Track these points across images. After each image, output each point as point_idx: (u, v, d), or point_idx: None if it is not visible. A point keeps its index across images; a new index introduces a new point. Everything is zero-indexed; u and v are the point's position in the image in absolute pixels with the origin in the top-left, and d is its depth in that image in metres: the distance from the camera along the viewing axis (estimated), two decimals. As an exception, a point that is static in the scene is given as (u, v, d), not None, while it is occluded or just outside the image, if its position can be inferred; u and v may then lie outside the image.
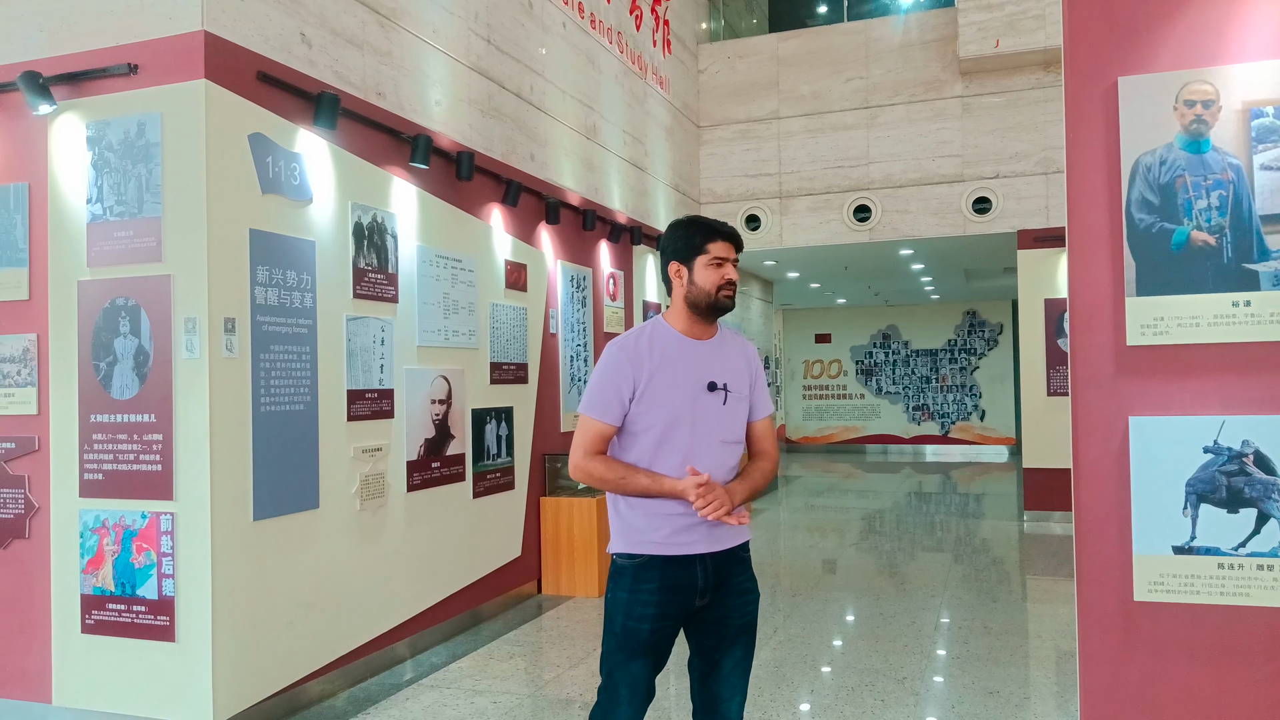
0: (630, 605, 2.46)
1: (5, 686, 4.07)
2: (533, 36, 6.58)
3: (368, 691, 4.50)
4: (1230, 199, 2.26)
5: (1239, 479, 2.20)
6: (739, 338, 2.69)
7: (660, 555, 2.45)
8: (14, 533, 4.06)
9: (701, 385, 2.49)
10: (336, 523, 4.43)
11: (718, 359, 2.55)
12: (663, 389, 2.46)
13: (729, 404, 2.52)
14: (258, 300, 3.98)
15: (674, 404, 2.46)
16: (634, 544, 2.48)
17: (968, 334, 17.06)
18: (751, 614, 2.57)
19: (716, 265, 2.49)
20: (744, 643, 2.56)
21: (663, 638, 2.49)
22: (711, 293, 2.49)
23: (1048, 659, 4.94)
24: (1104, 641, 2.30)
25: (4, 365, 4.08)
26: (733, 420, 2.54)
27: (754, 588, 2.61)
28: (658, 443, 2.46)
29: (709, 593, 2.50)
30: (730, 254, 2.52)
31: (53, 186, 4.00)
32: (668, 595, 2.45)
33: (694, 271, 2.50)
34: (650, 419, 2.46)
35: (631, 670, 2.46)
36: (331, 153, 4.48)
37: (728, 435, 2.52)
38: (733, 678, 2.53)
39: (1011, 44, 8.82)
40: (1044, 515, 9.27)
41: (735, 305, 2.58)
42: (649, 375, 2.46)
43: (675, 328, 2.54)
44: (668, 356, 2.49)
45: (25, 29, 4.06)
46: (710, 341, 2.57)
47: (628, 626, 2.46)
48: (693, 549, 2.46)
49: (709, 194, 10.24)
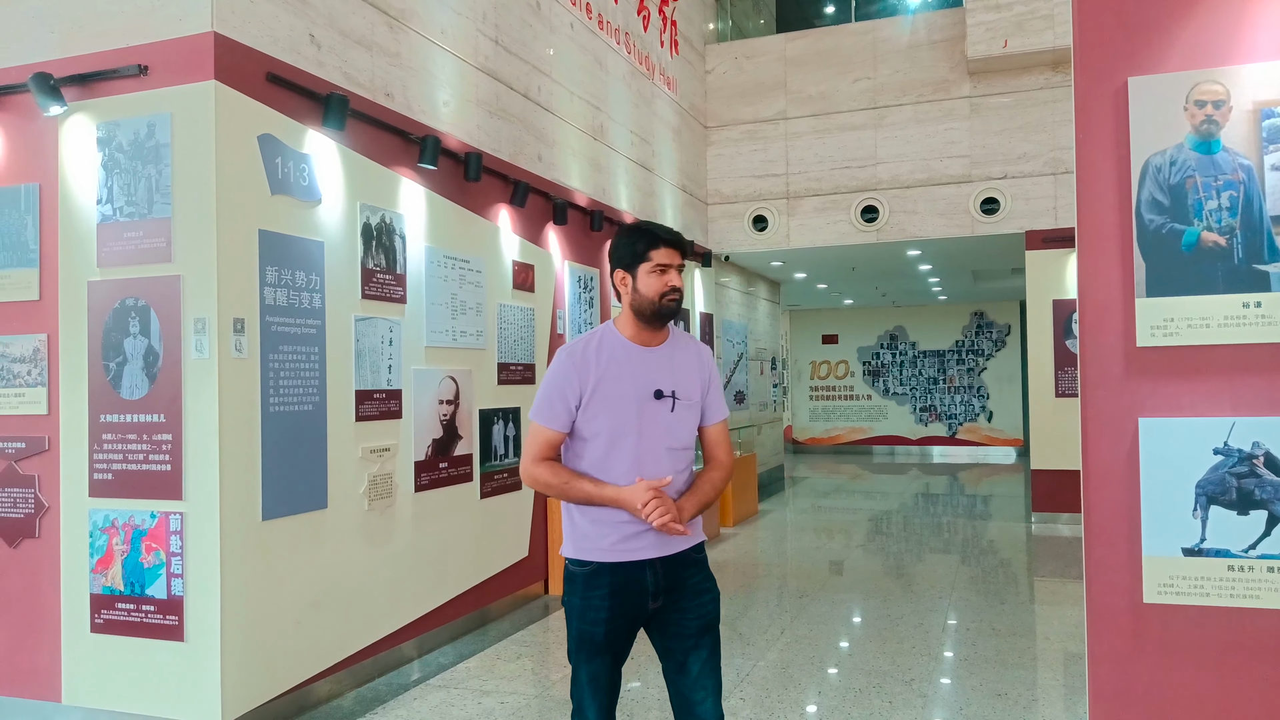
0: (584, 610, 2.50)
1: (15, 685, 4.09)
2: (540, 37, 6.59)
3: (375, 691, 4.51)
4: (1241, 200, 2.25)
5: (1249, 481, 2.19)
6: (692, 342, 2.68)
7: (608, 562, 2.48)
8: (24, 532, 4.08)
9: (648, 393, 2.50)
10: (344, 523, 4.44)
11: (667, 366, 2.54)
12: (608, 397, 2.47)
13: (677, 411, 2.52)
14: (267, 301, 3.99)
15: (619, 412, 2.47)
16: (583, 550, 2.51)
17: (975, 335, 17.01)
18: (709, 613, 2.57)
19: (660, 272, 2.49)
20: (708, 643, 2.56)
21: (619, 637, 2.52)
22: (655, 300, 2.49)
23: (1056, 661, 4.93)
24: (1113, 643, 2.29)
25: (14, 365, 4.10)
26: (681, 427, 2.54)
27: (711, 587, 2.60)
28: (606, 449, 2.48)
29: (661, 595, 2.51)
30: (674, 260, 2.51)
31: (63, 187, 4.02)
32: (618, 599, 2.48)
33: (638, 279, 2.50)
34: (597, 426, 2.47)
35: (593, 668, 2.51)
36: (340, 153, 4.49)
37: (675, 442, 2.52)
38: (702, 678, 2.53)
39: (1020, 44, 8.80)
40: (1052, 517, 9.24)
41: (680, 310, 2.56)
42: (595, 382, 2.47)
43: (624, 335, 2.55)
44: (615, 364, 2.50)
45: (36, 31, 4.08)
46: (660, 348, 2.56)
47: (583, 630, 2.50)
48: (641, 554, 2.48)
49: (716, 194, 10.24)
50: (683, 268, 2.55)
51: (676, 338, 2.63)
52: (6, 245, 4.11)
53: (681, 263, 2.54)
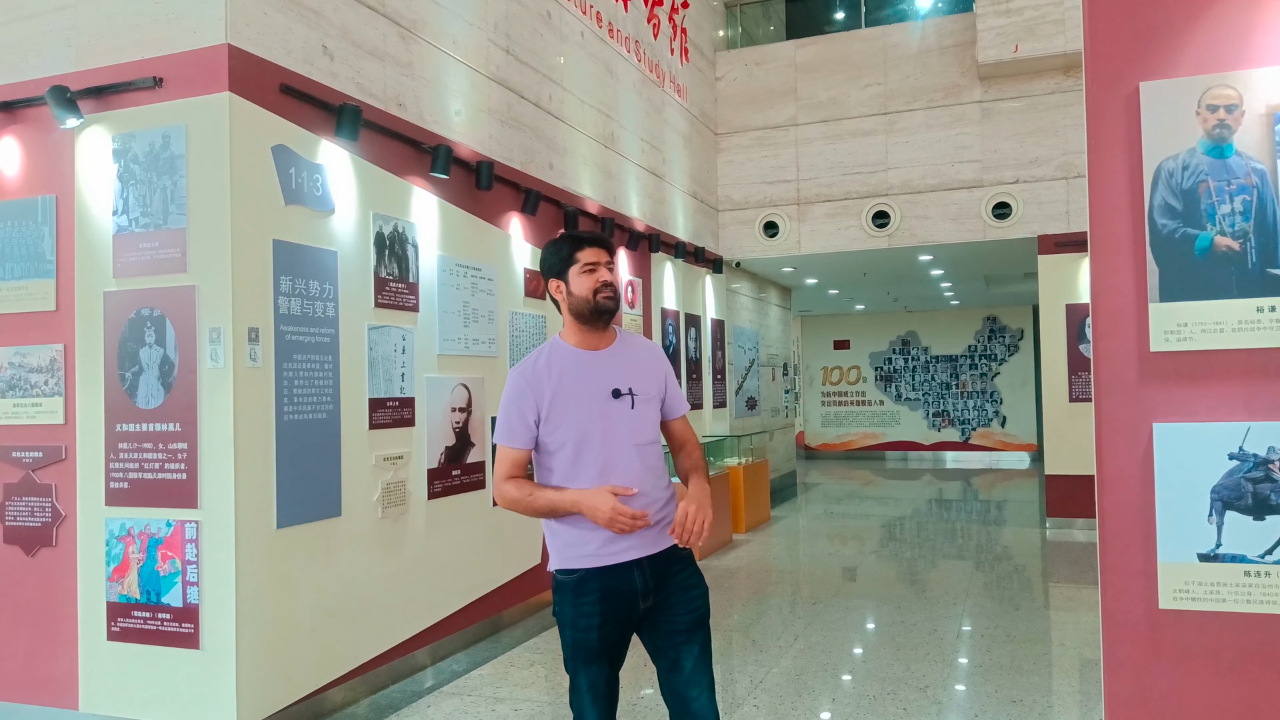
0: (575, 618, 2.51)
1: (32, 693, 4.11)
2: (551, 46, 6.62)
3: (389, 699, 4.52)
4: (1254, 204, 2.24)
5: (1265, 486, 2.18)
6: (642, 341, 2.73)
7: (595, 568, 2.50)
8: (41, 541, 4.11)
9: (605, 394, 2.53)
10: (358, 530, 4.45)
11: (619, 365, 2.58)
12: (566, 406, 2.51)
13: (638, 408, 2.55)
14: (281, 310, 4.01)
15: (580, 418, 2.50)
16: (569, 559, 2.53)
17: (988, 340, 16.95)
18: (699, 608, 2.58)
19: (589, 271, 2.55)
20: (699, 639, 2.57)
21: (613, 641, 2.54)
22: (589, 298, 2.53)
23: (1071, 667, 4.90)
24: (1129, 650, 2.28)
25: (32, 375, 4.14)
26: (644, 423, 2.57)
27: (699, 583, 2.61)
28: (573, 457, 2.51)
29: (651, 594, 2.53)
30: (601, 258, 2.57)
31: (79, 198, 4.06)
32: (609, 603, 2.50)
33: (570, 282, 2.56)
34: (561, 436, 2.51)
35: (590, 675, 2.53)
36: (353, 163, 4.52)
37: (641, 438, 2.55)
38: (696, 675, 2.54)
39: (1031, 49, 8.78)
40: (1066, 522, 9.19)
41: (618, 305, 2.59)
42: (550, 395, 2.51)
43: (570, 343, 2.59)
44: (567, 373, 2.54)
45: (53, 44, 4.12)
46: (608, 350, 2.60)
47: (576, 638, 2.52)
48: (626, 556, 2.50)
49: (727, 201, 10.25)
50: (612, 265, 2.60)
51: (625, 338, 2.67)
52: (24, 256, 4.16)
53: (610, 260, 2.59)
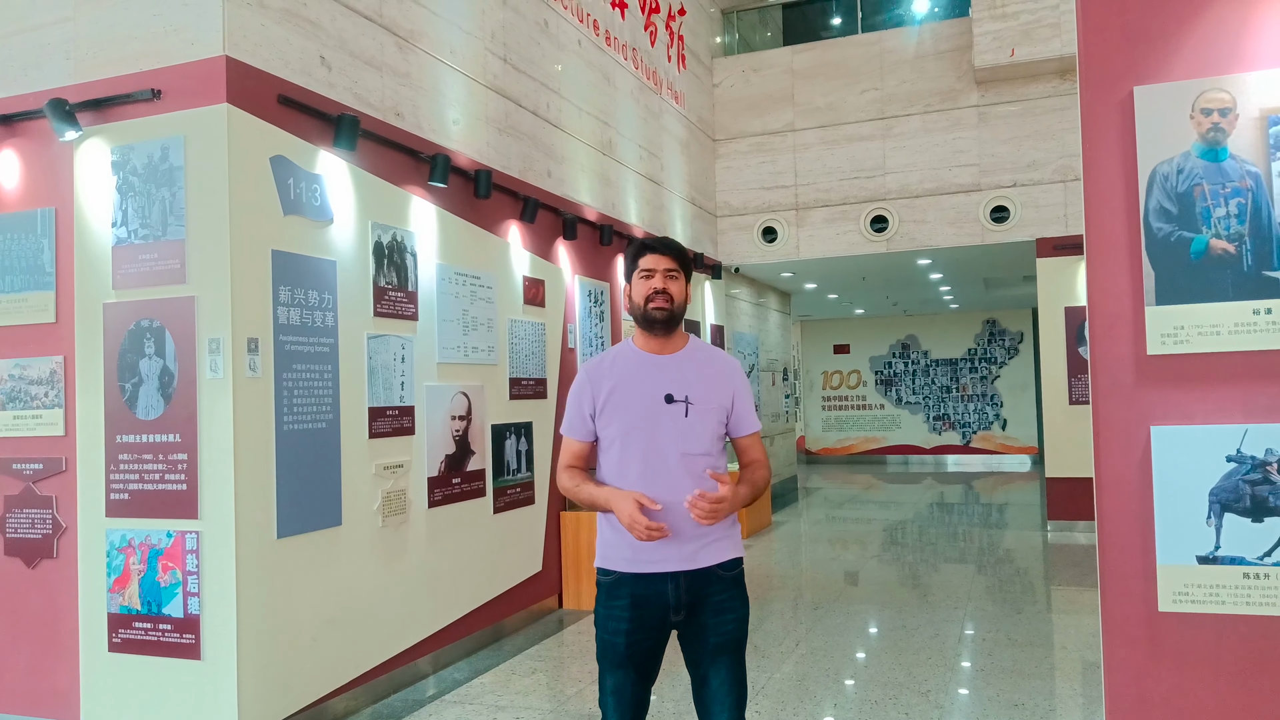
0: (605, 620, 2.56)
1: (34, 705, 4.11)
2: (548, 55, 6.64)
3: (391, 708, 4.51)
4: (1249, 207, 2.25)
5: (1263, 488, 2.18)
6: (717, 354, 2.70)
7: (630, 573, 2.52)
8: (42, 552, 4.11)
9: (658, 398, 2.54)
10: (359, 540, 4.46)
11: (679, 373, 2.58)
12: (618, 404, 2.55)
13: (691, 416, 2.54)
14: (280, 320, 4.02)
15: (628, 417, 2.54)
16: (608, 560, 2.58)
17: (988, 343, 16.96)
18: (730, 633, 2.55)
19: (645, 277, 2.57)
20: (727, 661, 2.54)
21: (642, 650, 2.54)
22: (641, 305, 2.57)
23: (1073, 671, 4.90)
24: (1129, 653, 2.28)
25: (32, 387, 4.14)
26: (696, 433, 2.54)
27: (737, 607, 2.58)
28: (620, 454, 2.55)
29: (683, 609, 2.52)
30: (659, 265, 2.56)
31: (79, 211, 4.07)
32: (638, 611, 2.51)
33: (631, 287, 2.60)
34: (611, 432, 2.56)
35: (615, 679, 2.55)
36: (351, 173, 4.53)
37: (689, 448, 2.53)
38: (720, 694, 2.53)
39: (1027, 53, 8.81)
40: (1068, 525, 9.19)
41: (672, 315, 2.55)
42: (608, 391, 2.56)
43: (637, 345, 2.63)
44: (627, 373, 2.58)
45: (52, 57, 4.14)
46: (673, 356, 2.60)
47: (604, 640, 2.56)
48: (661, 566, 2.50)
49: (725, 207, 10.26)
50: (674, 273, 2.57)
51: (696, 348, 2.65)
52: (24, 268, 4.17)
53: (671, 267, 2.57)
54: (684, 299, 2.58)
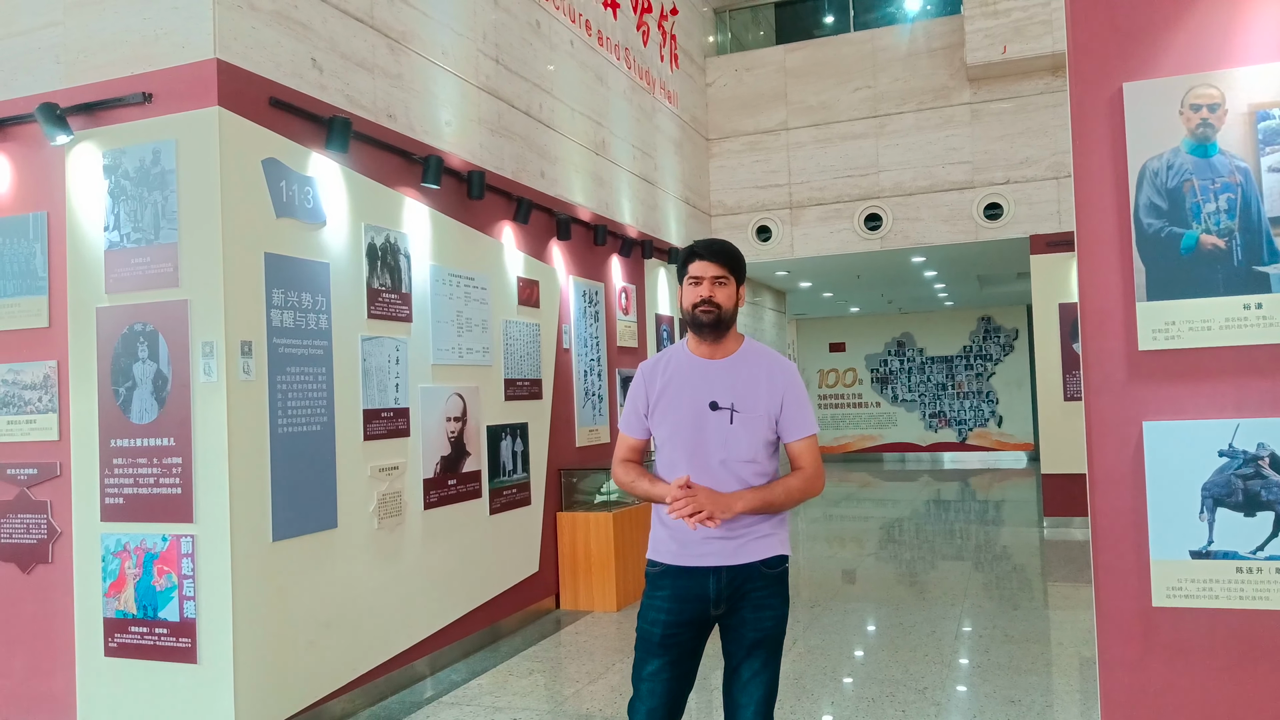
0: (646, 609, 2.61)
1: (31, 710, 4.10)
2: (540, 55, 6.63)
3: (388, 710, 4.51)
4: (1239, 202, 2.26)
5: (1255, 482, 2.19)
6: (770, 358, 2.65)
7: (674, 565, 2.57)
8: (37, 557, 4.10)
9: (703, 404, 2.55)
10: (355, 542, 4.45)
11: (728, 379, 2.57)
12: (667, 406, 2.60)
13: (736, 423, 2.53)
14: (273, 323, 4.02)
15: (674, 420, 2.58)
16: (656, 552, 2.63)
17: (983, 340, 16.98)
18: (768, 629, 2.58)
19: (694, 284, 2.59)
20: (761, 655, 2.59)
21: (678, 643, 2.56)
22: (689, 311, 2.59)
23: (1070, 666, 4.91)
24: (1123, 648, 2.28)
25: (25, 392, 4.13)
26: (739, 441, 2.53)
27: (777, 605, 2.60)
28: (669, 456, 2.60)
29: (723, 603, 2.56)
30: (706, 272, 2.56)
31: (71, 215, 4.06)
32: (678, 604, 2.56)
33: (683, 292, 2.62)
34: (662, 433, 2.62)
35: (649, 666, 2.58)
36: (344, 175, 4.52)
37: (731, 455, 2.52)
38: (750, 686, 2.58)
39: (1019, 50, 8.82)
40: (1064, 521, 9.21)
41: (719, 321, 2.55)
42: (659, 392, 2.62)
43: (689, 348, 2.65)
44: (678, 375, 2.61)
45: (43, 61, 4.13)
46: (723, 361, 2.60)
47: (642, 628, 2.61)
48: (705, 561, 2.54)
49: (719, 206, 10.27)
50: (723, 279, 2.57)
51: (750, 352, 2.64)
52: (16, 273, 4.16)
53: (720, 274, 2.57)
54: (733, 304, 2.58)
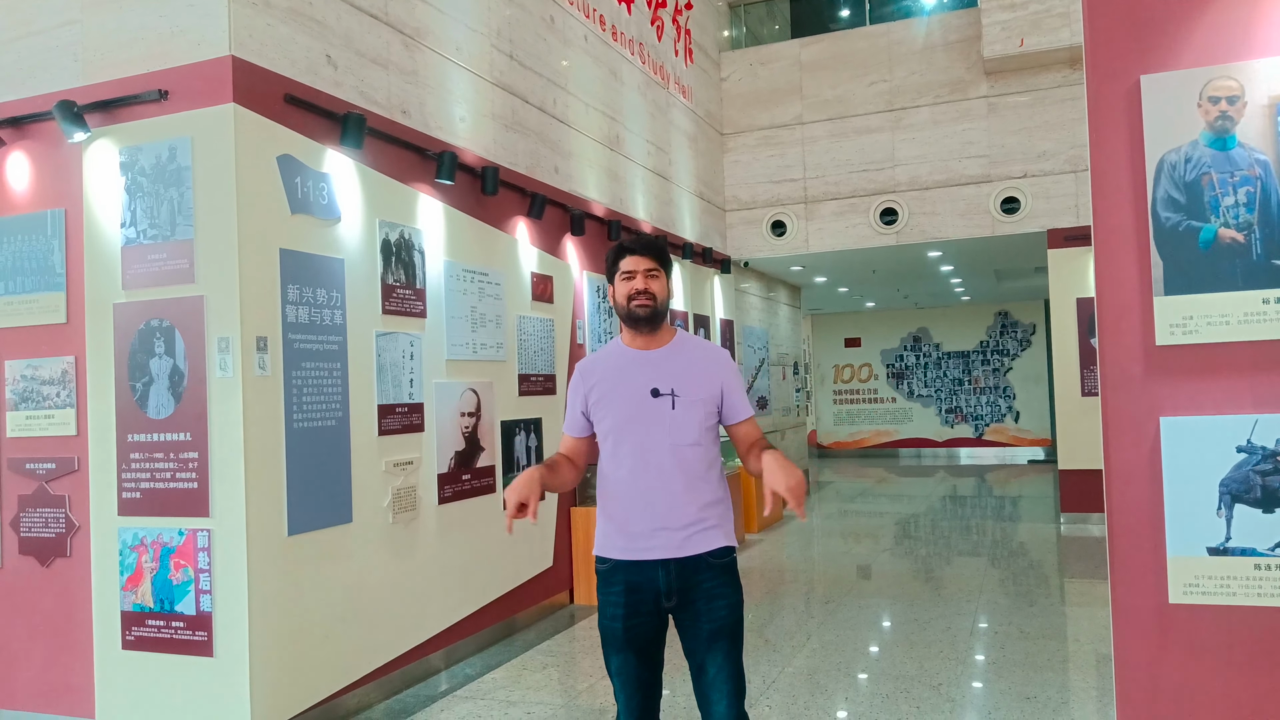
0: (604, 606, 2.65)
1: (49, 702, 4.15)
2: (555, 50, 6.63)
3: (404, 703, 4.53)
4: (1259, 195, 2.23)
5: (1274, 478, 2.17)
6: (705, 346, 2.79)
7: (623, 560, 2.61)
8: (56, 551, 4.14)
9: (645, 392, 2.61)
10: (369, 536, 4.47)
11: (666, 367, 2.64)
12: (606, 399, 2.65)
13: (678, 408, 2.60)
14: (289, 319, 4.03)
15: (617, 411, 2.63)
16: (603, 548, 2.67)
17: (1000, 335, 16.89)
18: (722, 620, 2.59)
19: (626, 279, 2.66)
20: (722, 648, 2.58)
21: (640, 635, 2.60)
22: (624, 304, 2.65)
23: (1086, 663, 4.88)
24: (1140, 645, 2.27)
25: (44, 387, 4.17)
26: (682, 425, 2.60)
27: (728, 594, 2.62)
28: (613, 449, 2.64)
29: (675, 595, 2.59)
30: (639, 265, 2.64)
31: (88, 212, 4.09)
32: (632, 596, 2.59)
33: (614, 289, 2.69)
34: (604, 426, 2.66)
35: (618, 661, 2.62)
36: (358, 171, 4.54)
37: (679, 439, 2.59)
38: (718, 681, 2.58)
39: (1036, 43, 8.75)
40: (1081, 517, 9.15)
41: (654, 313, 2.63)
42: (594, 387, 2.68)
43: (624, 343, 2.73)
44: (614, 368, 2.68)
45: (60, 59, 4.16)
46: (660, 351, 2.68)
47: (603, 625, 2.64)
48: (652, 554, 2.58)
49: (734, 201, 10.24)
50: (654, 271, 2.65)
51: (684, 342, 2.73)
52: (34, 270, 4.19)
53: (651, 267, 2.65)
54: (665, 295, 2.67)
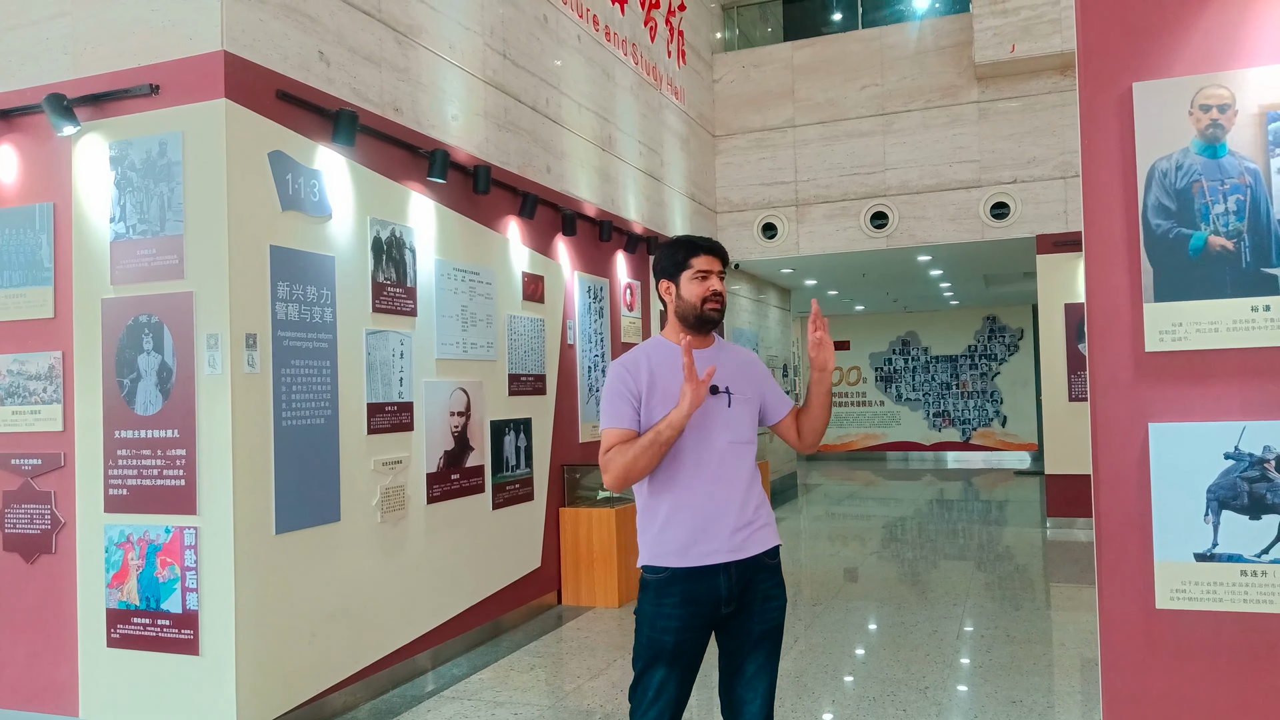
0: (654, 618, 2.50)
1: (33, 700, 4.11)
2: (548, 50, 6.62)
3: (390, 704, 4.52)
4: (1248, 203, 2.24)
5: (1261, 485, 2.18)
6: (740, 349, 2.77)
7: (681, 568, 2.48)
8: (41, 548, 4.11)
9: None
10: (358, 535, 4.45)
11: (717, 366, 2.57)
12: (663, 393, 2.53)
13: (734, 406, 2.58)
14: (278, 316, 4.02)
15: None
16: (657, 556, 2.51)
17: (988, 339, 16.95)
18: (775, 620, 2.59)
19: (701, 278, 2.58)
20: (767, 648, 2.58)
21: (689, 648, 2.52)
22: (697, 305, 2.57)
23: (1072, 667, 4.90)
24: (1126, 650, 2.28)
25: (30, 383, 4.14)
26: (739, 422, 2.58)
27: (780, 595, 2.62)
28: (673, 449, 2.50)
29: (734, 601, 2.53)
30: (714, 266, 2.60)
31: (77, 206, 4.06)
32: (690, 609, 2.48)
33: (681, 286, 2.60)
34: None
35: (659, 675, 2.50)
36: (350, 169, 4.52)
37: (736, 436, 2.57)
38: (755, 680, 2.56)
39: (1027, 49, 8.79)
40: (1067, 522, 9.19)
41: (722, 318, 2.63)
42: (647, 381, 2.54)
43: (671, 341, 2.63)
44: (666, 364, 2.56)
45: (50, 52, 4.13)
46: (708, 350, 2.65)
47: (652, 637, 2.50)
48: (713, 559, 2.48)
49: (725, 203, 10.25)
50: (723, 275, 2.63)
51: (722, 344, 2.72)
52: (22, 264, 4.16)
53: (722, 270, 2.63)
54: None
